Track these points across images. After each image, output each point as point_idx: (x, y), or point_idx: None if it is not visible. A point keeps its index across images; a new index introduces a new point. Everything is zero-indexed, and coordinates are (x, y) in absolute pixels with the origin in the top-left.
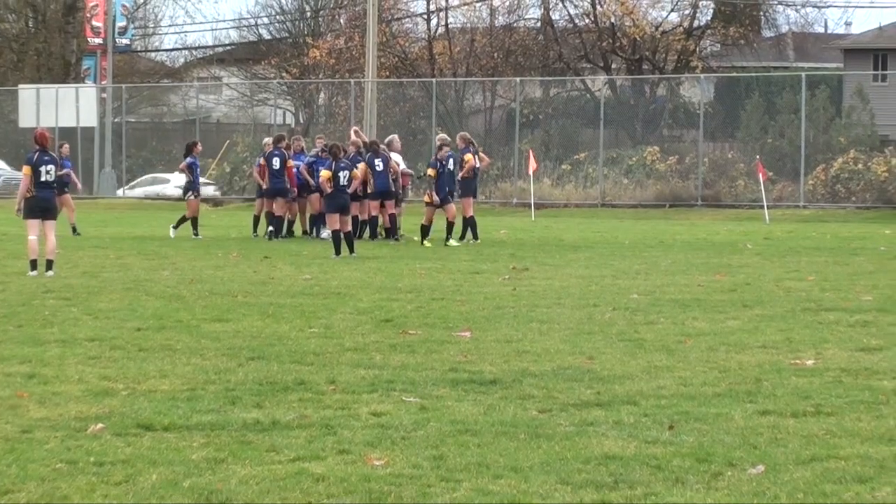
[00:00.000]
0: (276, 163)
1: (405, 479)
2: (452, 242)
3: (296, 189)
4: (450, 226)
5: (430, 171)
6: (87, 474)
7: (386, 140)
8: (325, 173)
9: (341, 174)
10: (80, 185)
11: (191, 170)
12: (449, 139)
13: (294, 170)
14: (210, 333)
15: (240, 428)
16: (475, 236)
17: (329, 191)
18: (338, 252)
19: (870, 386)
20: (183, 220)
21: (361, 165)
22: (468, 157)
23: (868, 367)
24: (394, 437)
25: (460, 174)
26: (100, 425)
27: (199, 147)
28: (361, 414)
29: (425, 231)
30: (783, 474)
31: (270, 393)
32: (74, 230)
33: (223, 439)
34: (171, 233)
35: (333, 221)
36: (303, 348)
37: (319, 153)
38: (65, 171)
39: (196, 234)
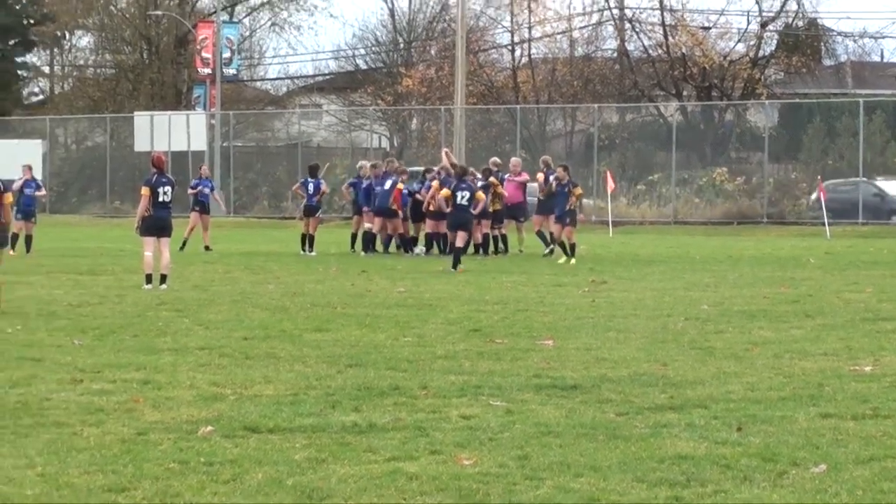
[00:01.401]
0: (388, 184)
1: (492, 477)
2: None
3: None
4: (561, 244)
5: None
6: (198, 473)
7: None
8: (445, 192)
9: (459, 194)
10: (223, 206)
11: (316, 190)
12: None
13: (402, 191)
14: (311, 342)
15: (339, 430)
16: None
17: (448, 209)
18: (455, 265)
19: None
20: (312, 239)
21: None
22: (479, 194)
23: None
24: (482, 438)
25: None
26: (209, 428)
27: (322, 170)
28: (452, 417)
29: (564, 248)
30: (844, 473)
31: (367, 397)
32: (207, 248)
33: (324, 441)
34: (311, 255)
35: (452, 237)
36: (397, 356)
37: (373, 175)
38: (205, 191)
39: (304, 251)
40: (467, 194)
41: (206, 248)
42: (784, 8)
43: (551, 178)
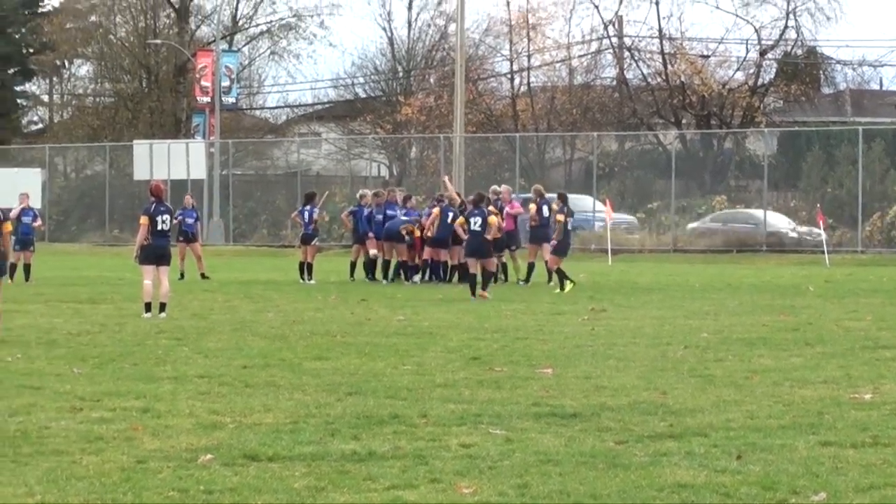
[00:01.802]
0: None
1: None
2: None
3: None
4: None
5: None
6: (198, 502)
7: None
8: (460, 220)
9: (472, 220)
10: (200, 240)
11: (307, 218)
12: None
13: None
14: (311, 371)
15: (339, 458)
16: (549, 279)
17: (465, 236)
18: (473, 293)
19: None
20: (310, 267)
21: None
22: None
23: None
24: (481, 466)
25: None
26: (209, 456)
27: (318, 199)
28: (451, 445)
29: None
30: (844, 501)
31: (367, 426)
32: (203, 276)
33: (323, 469)
34: (310, 283)
35: (472, 265)
36: (397, 384)
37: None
38: (188, 220)
39: (303, 280)
40: (479, 220)
41: (203, 276)
42: (783, 36)
43: (544, 207)
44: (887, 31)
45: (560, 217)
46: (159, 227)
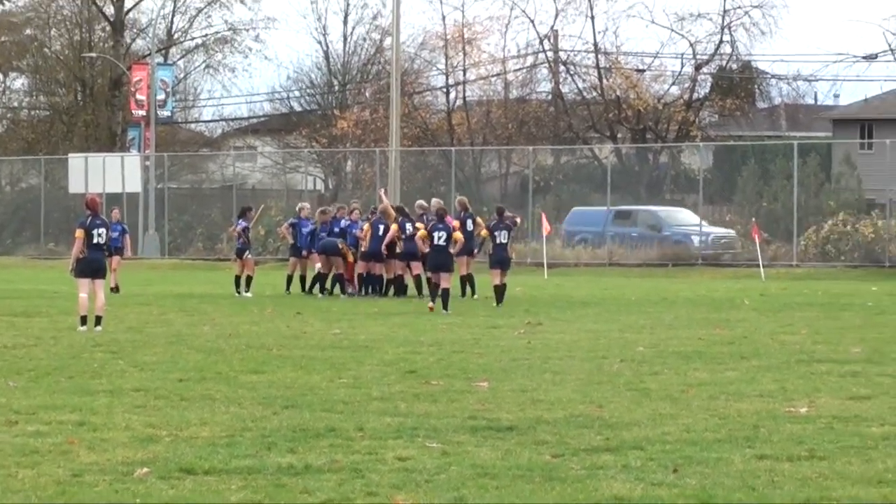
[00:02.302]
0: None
1: None
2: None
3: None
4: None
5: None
6: None
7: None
8: (422, 232)
9: (436, 234)
10: (128, 252)
11: (244, 233)
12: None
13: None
14: (247, 384)
15: (275, 472)
16: (473, 292)
17: (426, 250)
18: (432, 297)
19: (859, 432)
20: (237, 280)
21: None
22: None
23: (858, 414)
24: (418, 480)
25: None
26: (145, 469)
27: (253, 212)
28: (388, 458)
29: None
30: None
31: (303, 439)
32: (114, 289)
33: (259, 482)
34: (246, 296)
35: (438, 278)
36: (333, 397)
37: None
38: (113, 234)
39: (247, 291)
40: (444, 234)
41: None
42: (718, 51)
43: (468, 221)
44: (822, 46)
45: (484, 232)
46: (95, 241)
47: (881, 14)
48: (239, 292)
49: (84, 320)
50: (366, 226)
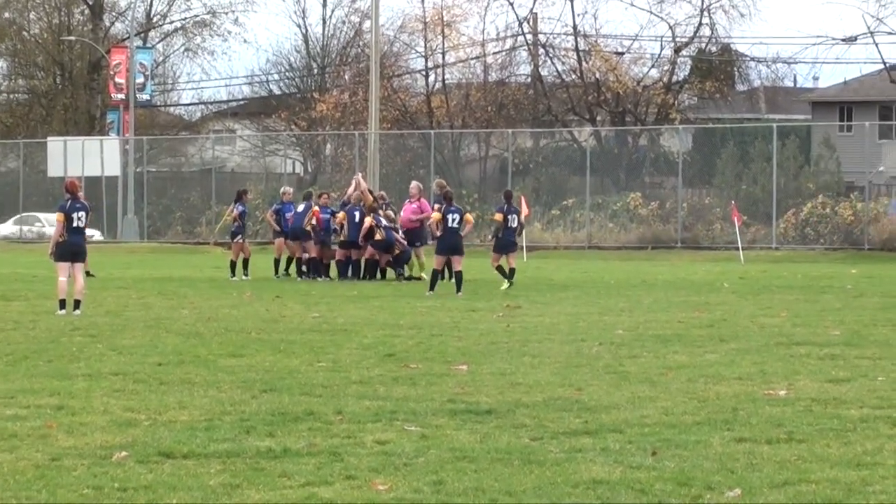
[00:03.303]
0: (301, 207)
1: (407, 503)
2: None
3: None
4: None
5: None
6: (112, 499)
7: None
8: (435, 215)
9: (450, 216)
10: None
11: (241, 216)
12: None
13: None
14: (226, 368)
15: (254, 455)
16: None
17: (439, 233)
18: (432, 287)
19: (838, 415)
20: (233, 264)
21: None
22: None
23: (836, 396)
24: (396, 463)
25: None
26: (124, 453)
27: (249, 195)
28: (367, 442)
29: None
30: (758, 497)
31: (282, 423)
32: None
33: (238, 466)
34: (244, 278)
35: (440, 262)
36: (312, 381)
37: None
38: None
39: (246, 275)
40: (457, 217)
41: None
42: (697, 33)
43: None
44: (801, 28)
45: (498, 216)
46: (75, 224)
47: None
48: (235, 276)
49: (63, 304)
50: (340, 213)
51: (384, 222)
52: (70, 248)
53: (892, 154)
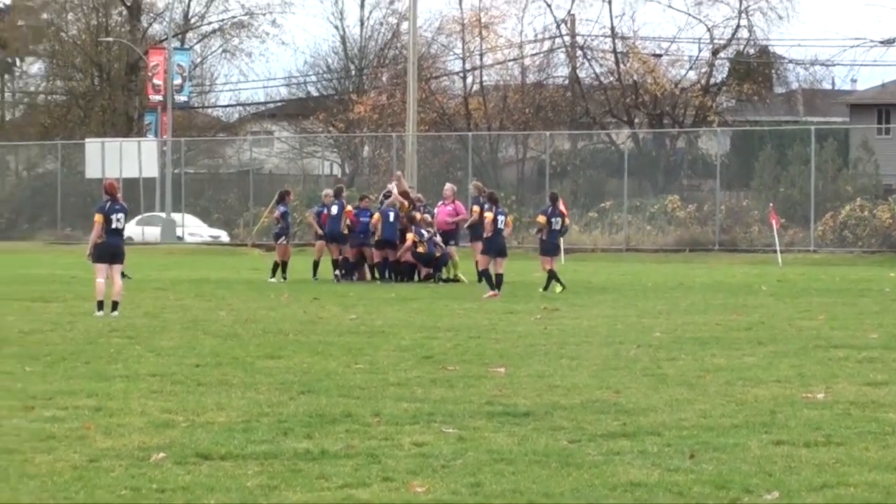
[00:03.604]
0: (335, 210)
1: None
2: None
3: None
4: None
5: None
6: (150, 500)
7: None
8: (488, 215)
9: (500, 218)
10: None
11: (283, 217)
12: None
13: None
14: (263, 369)
15: (291, 457)
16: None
17: (490, 234)
18: (492, 287)
19: (876, 418)
20: (276, 266)
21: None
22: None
23: (875, 400)
24: (434, 465)
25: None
26: (161, 454)
27: (292, 196)
28: (404, 444)
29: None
30: (796, 500)
31: (320, 424)
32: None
33: (276, 467)
34: (276, 281)
35: (486, 262)
36: (349, 383)
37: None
38: None
39: (284, 278)
40: (503, 218)
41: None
42: (735, 35)
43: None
44: (839, 31)
45: (542, 219)
46: (113, 226)
47: None
48: (284, 278)
49: (101, 305)
50: (376, 215)
51: (426, 235)
52: (109, 250)
53: None
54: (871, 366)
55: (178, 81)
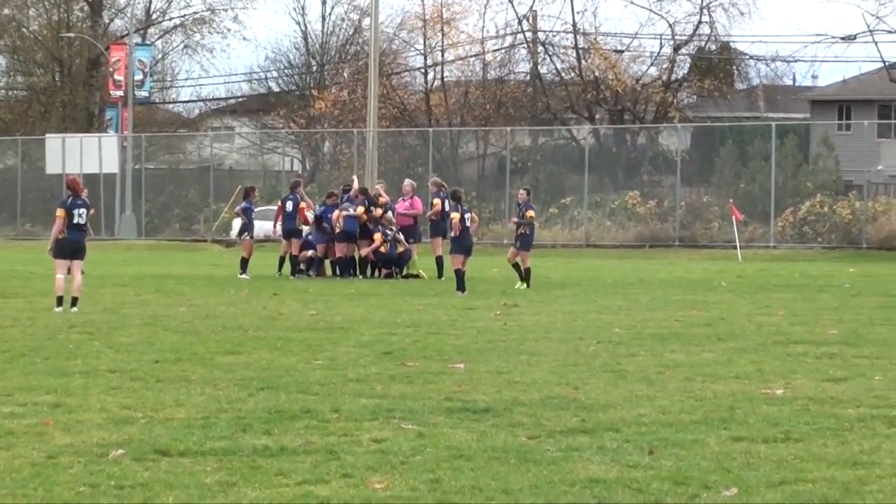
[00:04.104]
0: (290, 206)
1: (404, 501)
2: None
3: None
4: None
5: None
6: (109, 497)
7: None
8: (455, 215)
9: (466, 216)
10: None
11: (246, 213)
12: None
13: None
14: (223, 365)
15: (250, 453)
16: (440, 275)
17: (457, 234)
18: (461, 289)
19: (835, 414)
20: (244, 261)
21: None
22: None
23: (833, 396)
24: (393, 461)
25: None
26: (120, 451)
27: (256, 193)
28: (363, 440)
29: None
30: (755, 496)
31: (279, 421)
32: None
33: (235, 464)
34: (242, 276)
35: (459, 261)
36: (309, 379)
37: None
38: None
39: (243, 274)
40: (469, 216)
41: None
42: (697, 31)
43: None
44: (801, 27)
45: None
46: (75, 221)
47: None
48: (243, 273)
49: (60, 301)
50: (336, 212)
51: (390, 235)
52: (70, 246)
53: (890, 153)
54: (831, 362)
55: (139, 77)
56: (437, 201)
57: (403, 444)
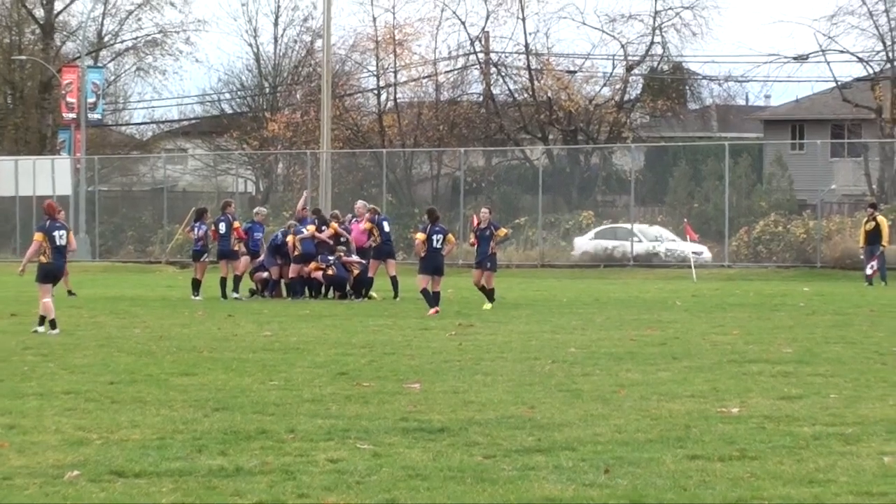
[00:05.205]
0: (223, 227)
1: None
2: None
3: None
4: (482, 289)
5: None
6: None
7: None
8: (420, 236)
9: (434, 237)
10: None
11: (203, 236)
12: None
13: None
14: (178, 386)
15: (206, 474)
16: (396, 294)
17: (423, 254)
18: (430, 305)
19: (791, 432)
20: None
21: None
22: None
23: (789, 414)
24: (349, 481)
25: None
26: (76, 472)
27: (209, 215)
28: (319, 460)
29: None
30: None
31: (234, 441)
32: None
33: (190, 485)
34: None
35: (424, 282)
36: (264, 400)
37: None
38: None
39: (197, 296)
40: (441, 237)
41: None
42: (649, 52)
43: (384, 223)
44: (753, 47)
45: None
46: (58, 243)
47: (811, 14)
48: (198, 295)
49: (45, 321)
50: (290, 237)
51: (331, 260)
52: (54, 272)
53: (843, 172)
54: (786, 380)
55: (91, 99)
56: (367, 225)
57: (359, 463)
